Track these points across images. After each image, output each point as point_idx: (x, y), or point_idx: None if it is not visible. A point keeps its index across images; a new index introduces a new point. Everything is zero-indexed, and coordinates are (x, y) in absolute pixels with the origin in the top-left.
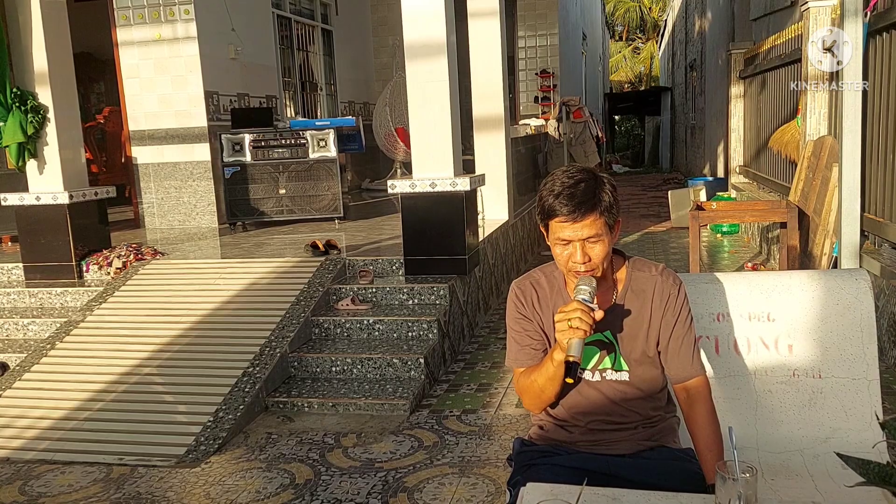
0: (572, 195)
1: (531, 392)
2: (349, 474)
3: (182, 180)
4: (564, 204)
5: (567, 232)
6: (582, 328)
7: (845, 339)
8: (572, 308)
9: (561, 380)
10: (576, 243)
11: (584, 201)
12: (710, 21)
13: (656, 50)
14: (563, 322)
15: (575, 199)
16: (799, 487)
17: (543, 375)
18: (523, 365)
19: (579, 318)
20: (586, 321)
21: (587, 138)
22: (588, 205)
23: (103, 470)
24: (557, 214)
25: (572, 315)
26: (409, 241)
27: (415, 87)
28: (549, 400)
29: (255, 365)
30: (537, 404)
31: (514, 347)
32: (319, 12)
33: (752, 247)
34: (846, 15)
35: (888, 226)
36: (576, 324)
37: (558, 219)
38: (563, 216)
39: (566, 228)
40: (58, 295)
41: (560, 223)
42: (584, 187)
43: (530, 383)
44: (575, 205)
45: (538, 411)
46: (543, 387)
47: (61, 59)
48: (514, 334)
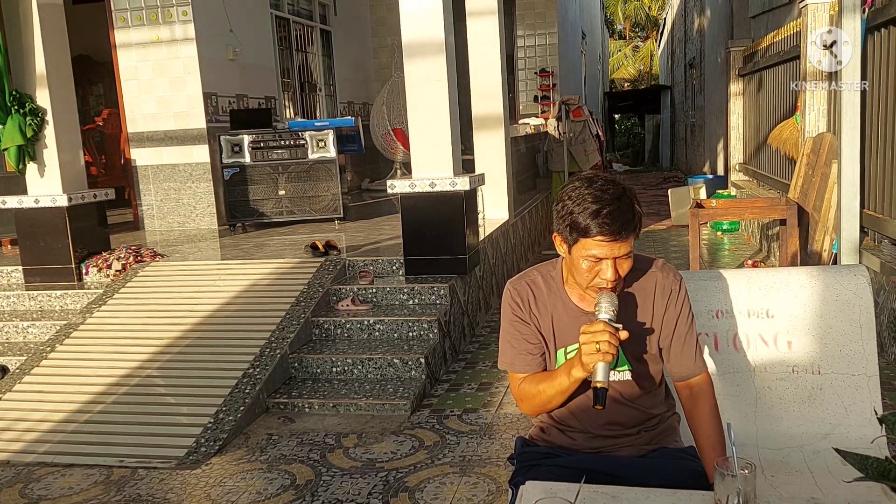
0: (613, 216)
1: (536, 401)
2: (350, 475)
3: (181, 182)
4: (607, 224)
5: (603, 251)
6: (611, 352)
7: (844, 336)
8: (600, 329)
9: (570, 393)
10: (608, 261)
11: (626, 222)
12: (709, 19)
13: (656, 48)
14: (591, 345)
15: (618, 221)
16: (799, 483)
17: (555, 388)
18: (521, 371)
19: (608, 341)
20: (614, 343)
21: (587, 137)
22: (630, 226)
23: (104, 472)
24: (596, 235)
25: (601, 338)
26: (409, 242)
27: (413, 86)
28: (553, 408)
29: (256, 366)
30: (539, 412)
31: (509, 351)
32: (318, 13)
33: (753, 244)
34: (844, 11)
35: (888, 222)
36: (605, 347)
37: (596, 238)
38: (604, 237)
39: (603, 248)
40: (57, 297)
41: (597, 242)
42: (623, 206)
43: (537, 392)
44: (619, 226)
45: (536, 416)
46: (552, 398)
47: (59, 61)
48: (509, 338)
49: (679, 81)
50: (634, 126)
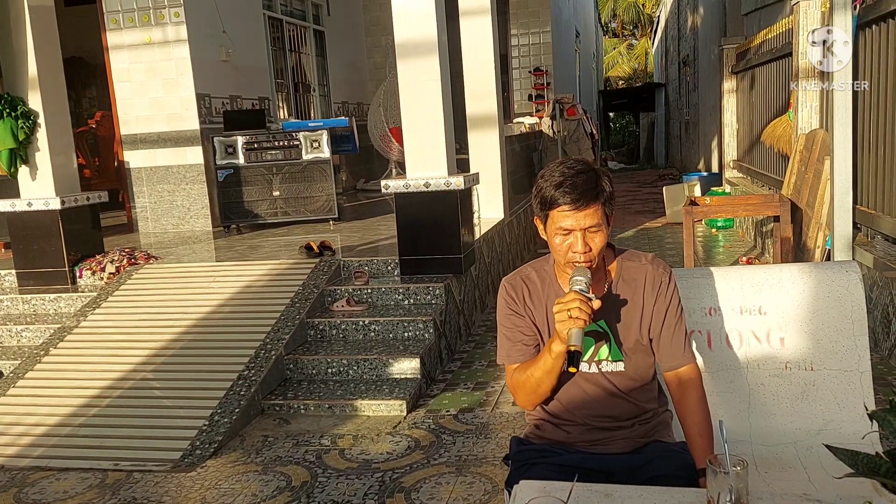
0: (575, 185)
1: (527, 387)
2: (346, 475)
3: (175, 184)
4: (567, 193)
5: (569, 221)
6: (582, 317)
7: (837, 332)
8: (571, 298)
9: (559, 371)
10: (577, 233)
11: (587, 191)
12: (702, 16)
13: (650, 46)
14: (563, 312)
15: (578, 189)
16: (792, 479)
17: (541, 369)
18: (516, 361)
19: (578, 307)
20: (585, 310)
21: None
22: (591, 194)
23: (99, 476)
24: (560, 204)
25: (571, 305)
26: (404, 241)
27: (407, 86)
28: (545, 394)
29: (251, 368)
30: (532, 400)
31: (505, 344)
32: (311, 13)
33: (747, 241)
34: (836, 8)
35: (881, 218)
36: (575, 314)
37: (560, 208)
38: (567, 205)
39: (568, 218)
40: (51, 301)
41: (562, 213)
42: (586, 177)
43: (526, 378)
44: (579, 194)
45: (532, 408)
46: (540, 380)
47: (51, 63)
48: (505, 331)
49: (673, 79)
50: (629, 124)
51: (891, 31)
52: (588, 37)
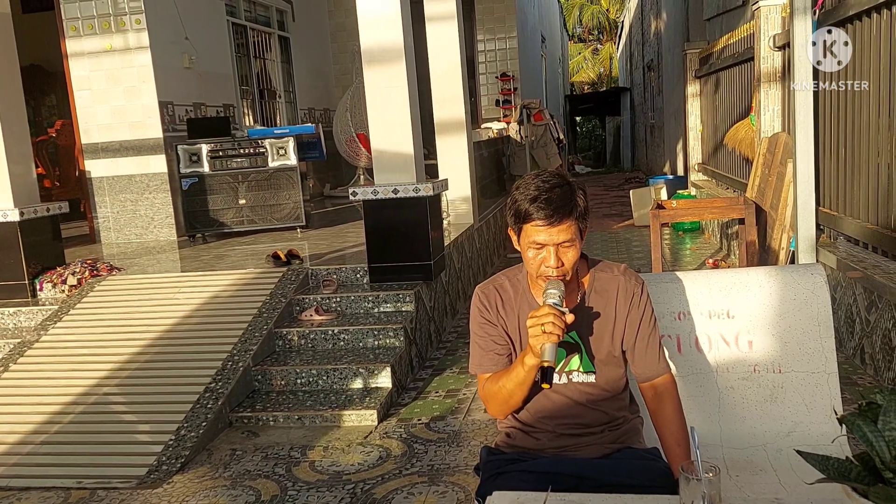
0: (549, 200)
1: (499, 398)
2: (316, 488)
3: (138, 193)
4: (542, 208)
5: (542, 236)
6: (555, 332)
7: (803, 334)
8: (544, 312)
9: (531, 384)
10: (550, 248)
11: (560, 206)
12: (666, 21)
13: (615, 51)
14: (536, 327)
15: (552, 205)
16: (763, 483)
17: (513, 381)
18: (488, 370)
19: (552, 322)
20: (559, 325)
21: (548, 141)
22: (565, 210)
23: (61, 494)
24: (534, 219)
25: (545, 320)
26: (373, 249)
27: (373, 92)
28: (516, 405)
29: (218, 380)
30: (504, 410)
31: (478, 353)
32: (276, 19)
33: (713, 243)
34: (796, 13)
35: (843, 219)
36: (549, 328)
37: (534, 223)
38: (540, 220)
39: (541, 232)
40: (10, 315)
41: (535, 227)
42: (561, 192)
43: (498, 389)
44: (552, 209)
45: (503, 417)
46: (512, 392)
47: (8, 71)
48: (478, 339)
49: (638, 83)
50: (595, 128)
51: (849, 35)
52: (554, 42)
